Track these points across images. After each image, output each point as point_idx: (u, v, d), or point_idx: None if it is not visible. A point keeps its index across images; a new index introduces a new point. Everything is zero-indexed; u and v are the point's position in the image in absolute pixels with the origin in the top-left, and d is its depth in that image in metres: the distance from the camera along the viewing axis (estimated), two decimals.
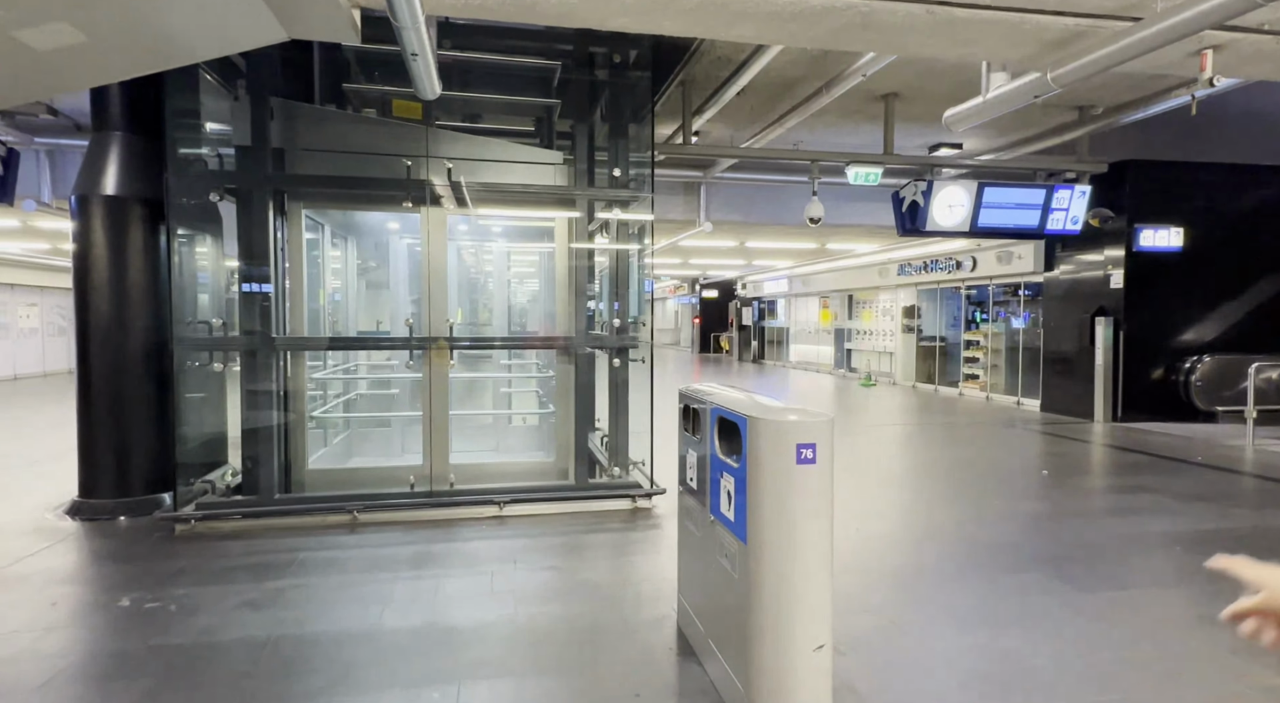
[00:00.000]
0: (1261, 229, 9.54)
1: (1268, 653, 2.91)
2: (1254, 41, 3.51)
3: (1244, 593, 0.76)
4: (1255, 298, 9.61)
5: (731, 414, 2.51)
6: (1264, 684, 2.68)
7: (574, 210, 5.35)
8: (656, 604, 3.45)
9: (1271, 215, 9.57)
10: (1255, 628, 0.69)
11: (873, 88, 6.71)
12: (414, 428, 5.87)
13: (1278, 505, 5.36)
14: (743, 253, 16.34)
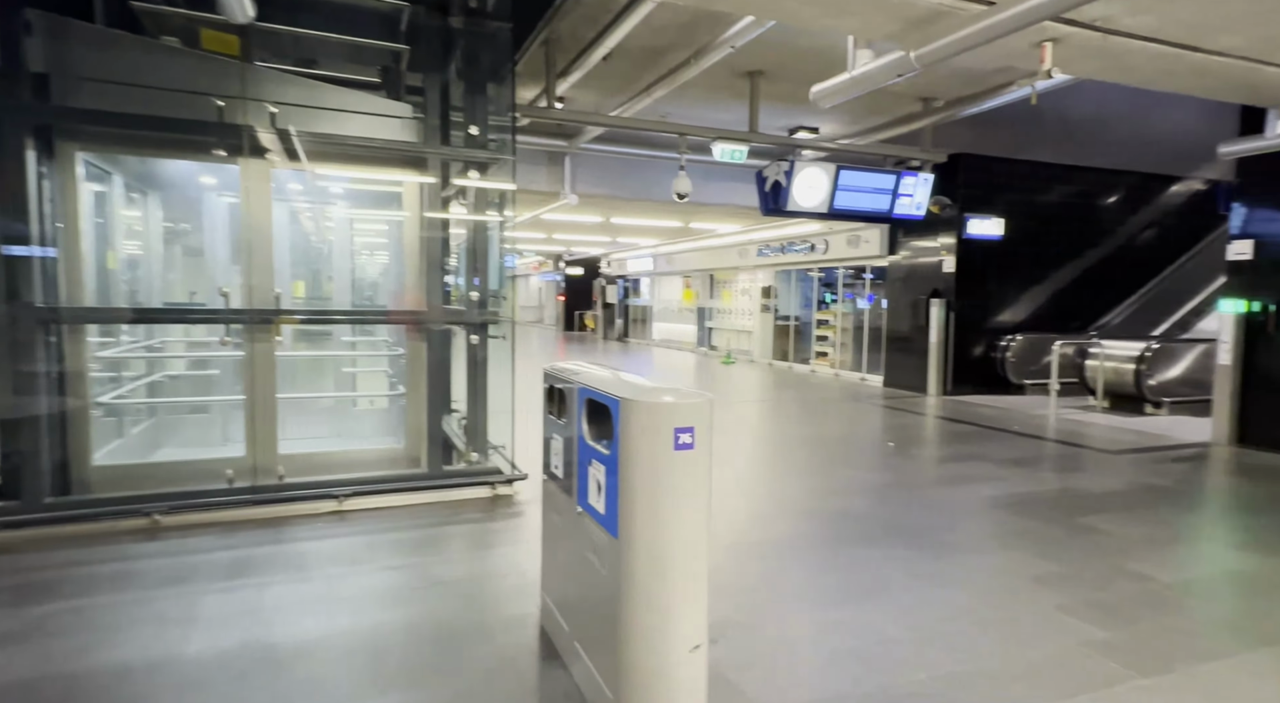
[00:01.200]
0: (1065, 222, 10.74)
1: (1089, 609, 3.15)
2: (1086, 37, 3.74)
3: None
4: (1058, 283, 10.82)
5: (601, 395, 2.26)
6: (1088, 638, 2.88)
7: (426, 174, 4.83)
8: (517, 601, 3.16)
9: (1073, 210, 10.78)
10: None
11: (739, 64, 6.67)
12: (239, 414, 5.12)
13: (1077, 469, 6.01)
14: (608, 229, 16.16)
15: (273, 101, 4.23)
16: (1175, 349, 9.03)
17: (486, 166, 5.05)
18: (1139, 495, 5.10)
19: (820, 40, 5.97)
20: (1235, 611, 3.20)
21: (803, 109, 8.12)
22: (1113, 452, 6.64)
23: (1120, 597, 3.30)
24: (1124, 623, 3.02)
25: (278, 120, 4.21)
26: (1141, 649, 2.80)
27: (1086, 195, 10.84)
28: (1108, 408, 9.00)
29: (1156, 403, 8.71)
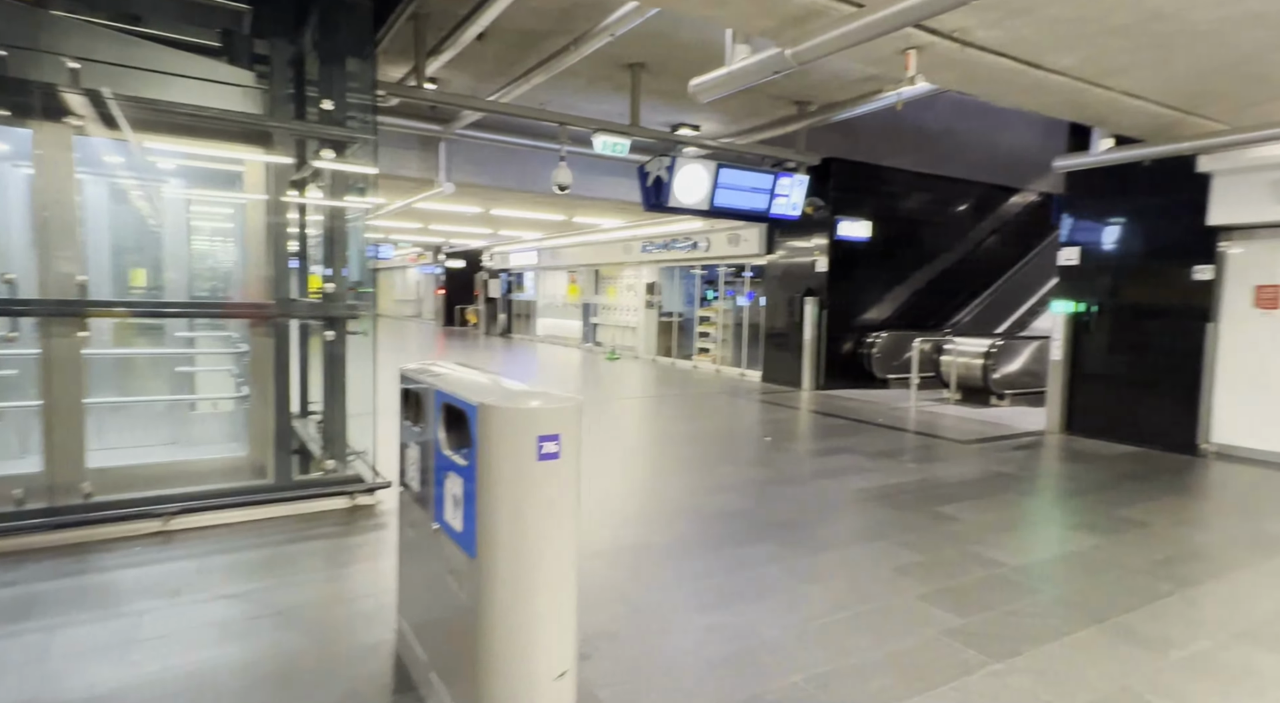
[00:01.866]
0: (924, 227, 11.50)
1: (947, 597, 3.28)
2: (946, 47, 3.90)
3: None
4: (917, 284, 11.58)
5: (458, 400, 2.03)
6: (947, 627, 2.98)
7: (273, 152, 4.32)
8: (373, 627, 2.86)
9: (930, 216, 11.57)
10: None
11: (621, 55, 6.54)
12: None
13: (935, 459, 6.39)
14: (489, 221, 15.61)
15: (75, 56, 3.60)
16: (1016, 346, 9.91)
17: (344, 147, 4.61)
18: (988, 483, 5.47)
19: (701, 35, 5.96)
20: (1070, 591, 3.45)
21: (684, 106, 8.13)
22: (964, 442, 7.14)
23: (974, 583, 3.47)
24: (978, 609, 3.17)
25: (82, 79, 3.59)
26: (993, 635, 2.93)
27: (942, 203, 11.67)
28: (960, 400, 9.73)
29: (1000, 395, 9.51)
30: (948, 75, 4.49)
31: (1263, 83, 4.65)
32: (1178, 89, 4.86)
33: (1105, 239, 7.55)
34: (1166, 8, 3.50)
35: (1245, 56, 4.16)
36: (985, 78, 4.54)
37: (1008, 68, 4.32)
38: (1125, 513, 4.70)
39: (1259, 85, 4.71)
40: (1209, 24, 3.70)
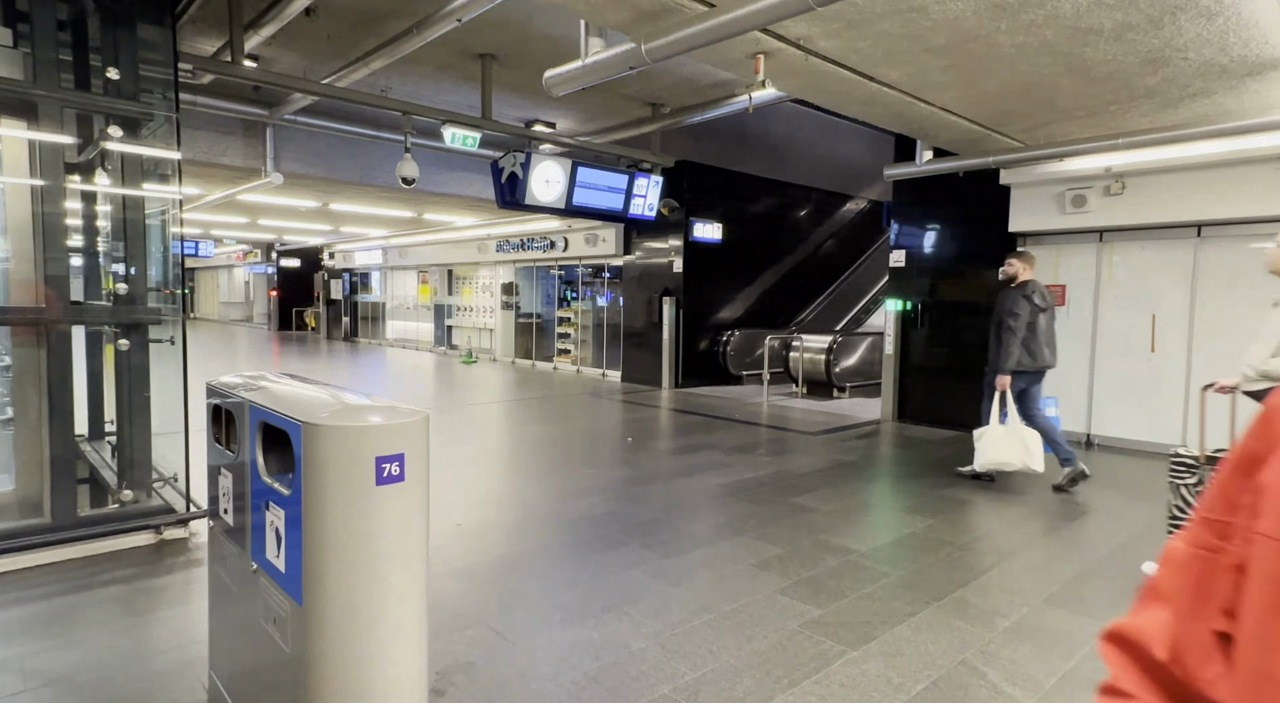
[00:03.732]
0: (770, 229, 12.10)
1: (804, 589, 3.37)
2: (792, 54, 4.03)
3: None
4: (766, 284, 12.17)
5: (279, 418, 1.74)
6: (806, 619, 3.06)
7: (40, 129, 3.60)
8: (178, 686, 2.43)
9: (775, 219, 12.20)
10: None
11: (470, 44, 6.23)
12: None
13: (787, 451, 6.69)
14: (328, 217, 14.43)
15: None
16: (853, 341, 10.68)
17: (138, 125, 3.96)
18: (834, 472, 5.79)
19: (554, 28, 5.79)
20: (911, 572, 3.68)
21: (539, 102, 7.92)
22: (812, 433, 7.55)
23: (828, 572, 3.60)
24: (833, 598, 3.28)
25: None
26: (849, 623, 3.04)
27: (785, 207, 12.34)
28: (806, 393, 10.31)
29: (841, 387, 10.20)
30: (794, 82, 4.66)
31: (1050, 106, 5.28)
32: (985, 107, 5.40)
33: (927, 243, 8.31)
34: (976, 32, 3.84)
35: (1037, 82, 4.69)
36: (828, 86, 4.78)
37: (846, 78, 4.56)
38: (950, 493, 5.15)
39: (1047, 108, 5.34)
40: (1010, 49, 4.12)
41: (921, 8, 3.50)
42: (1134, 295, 6.87)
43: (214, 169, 8.86)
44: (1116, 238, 6.94)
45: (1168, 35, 3.67)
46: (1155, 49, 3.89)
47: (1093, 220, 6.81)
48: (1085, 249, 7.15)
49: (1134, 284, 6.88)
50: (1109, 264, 7.04)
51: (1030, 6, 3.41)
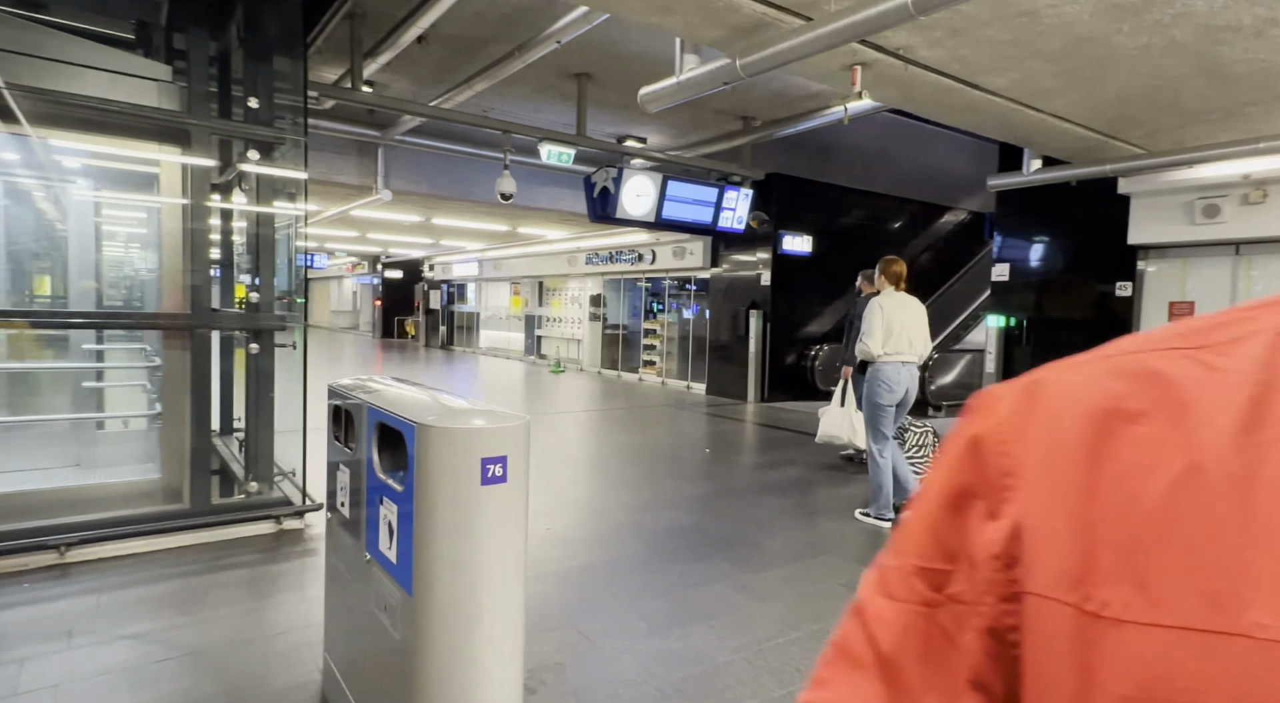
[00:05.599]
0: (861, 242, 11.78)
1: None
2: (890, 64, 3.95)
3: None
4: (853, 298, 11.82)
5: (394, 419, 1.87)
6: None
7: (191, 152, 4.03)
8: (295, 666, 2.63)
9: (867, 232, 11.87)
10: None
11: (566, 64, 6.45)
12: None
13: None
14: (429, 230, 15.23)
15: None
16: (951, 358, 10.22)
17: (271, 148, 4.34)
18: None
19: (648, 46, 5.92)
20: None
21: (631, 118, 8.09)
22: None
23: None
24: None
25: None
26: None
27: (877, 219, 11.99)
28: None
29: (937, 406, 9.77)
30: (891, 92, 4.56)
31: (1175, 110, 4.91)
32: (1101, 113, 5.08)
33: (1034, 256, 7.87)
34: (1093, 34, 3.64)
35: (1162, 84, 4.38)
36: (926, 96, 4.64)
37: (947, 87, 4.42)
38: None
39: (1172, 112, 4.97)
40: (1132, 51, 3.87)
41: (1032, 12, 3.36)
42: None
43: (330, 187, 9.56)
44: (1256, 250, 6.35)
45: None
46: None
47: (1227, 232, 6.26)
48: (1218, 263, 6.57)
49: None
50: (1247, 279, 6.44)
51: (1157, 5, 3.20)
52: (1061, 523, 0.35)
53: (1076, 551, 0.34)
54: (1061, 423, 0.37)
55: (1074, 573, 0.34)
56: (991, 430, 0.40)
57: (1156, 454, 0.34)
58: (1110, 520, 0.34)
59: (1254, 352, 0.35)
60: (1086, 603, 0.33)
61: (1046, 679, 0.35)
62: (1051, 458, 0.37)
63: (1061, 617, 0.34)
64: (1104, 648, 0.33)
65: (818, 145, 10.59)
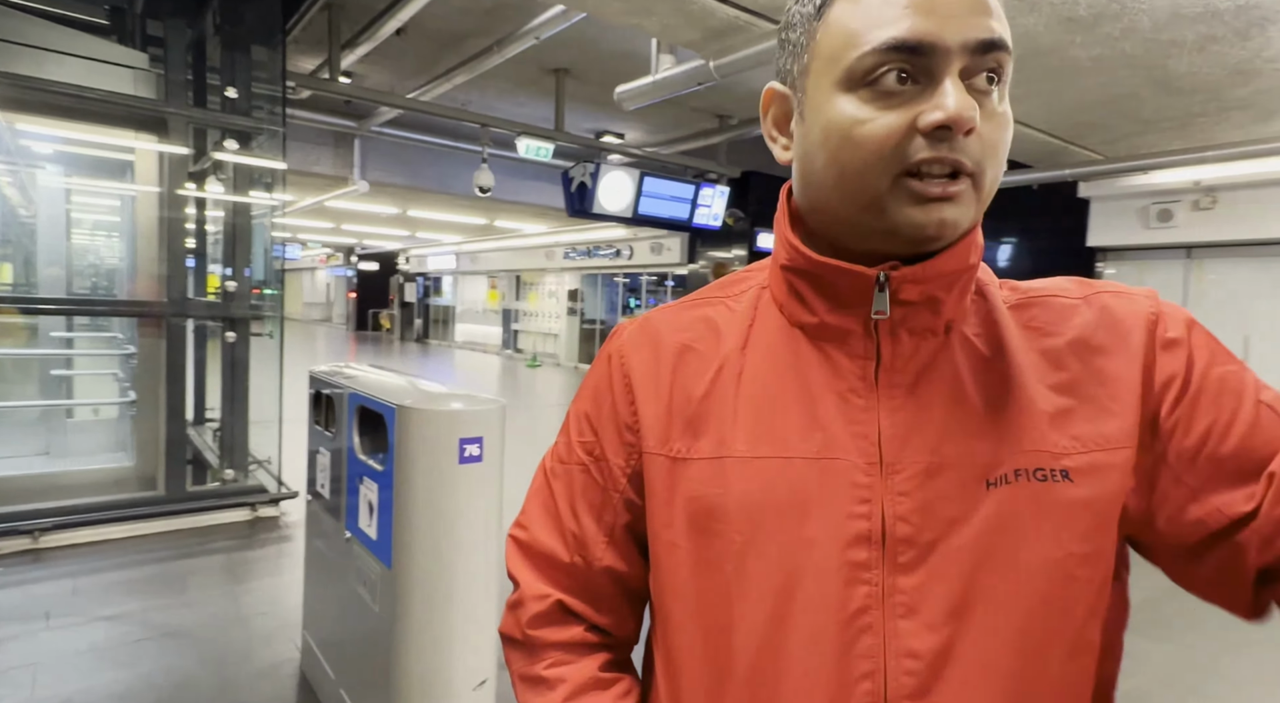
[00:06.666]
0: None
1: None
2: None
3: None
4: None
5: (375, 402, 1.95)
6: None
7: (168, 141, 4.03)
8: (274, 646, 2.69)
9: None
10: None
11: (546, 60, 6.51)
12: None
13: None
14: (406, 223, 15.15)
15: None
16: None
17: (249, 138, 4.36)
18: None
19: (625, 44, 6.00)
20: None
21: (608, 114, 8.16)
22: None
23: None
24: None
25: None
26: None
27: None
28: None
29: None
30: None
31: (1131, 118, 5.13)
32: (1061, 120, 5.29)
33: (1000, 257, 8.11)
34: (1051, 46, 3.81)
35: (1118, 94, 4.58)
36: None
37: None
38: None
39: (1128, 120, 5.19)
40: (1087, 62, 4.05)
41: None
42: (1225, 315, 6.53)
43: (306, 177, 9.49)
44: (1206, 254, 6.63)
45: (1256, 47, 3.55)
46: (1244, 60, 3.76)
47: (1180, 236, 6.53)
48: (1171, 266, 6.85)
49: (1225, 303, 6.55)
50: (1198, 281, 6.72)
51: (1106, 20, 3.37)
52: (656, 408, 0.59)
53: (664, 424, 0.59)
54: (658, 350, 0.61)
55: (662, 437, 0.59)
56: (617, 349, 0.64)
57: (702, 367, 0.60)
58: (679, 405, 0.59)
59: (749, 298, 0.62)
60: (670, 452, 0.58)
61: (655, 493, 0.59)
62: (652, 370, 0.61)
63: (660, 462, 0.59)
64: (679, 474, 0.57)
65: None
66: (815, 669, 0.51)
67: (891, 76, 0.49)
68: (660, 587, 0.59)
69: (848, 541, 0.51)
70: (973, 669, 0.50)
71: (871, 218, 0.52)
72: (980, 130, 0.49)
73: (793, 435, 0.54)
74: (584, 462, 0.64)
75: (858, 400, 0.54)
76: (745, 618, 0.53)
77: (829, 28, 0.52)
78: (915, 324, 0.54)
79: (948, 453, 0.52)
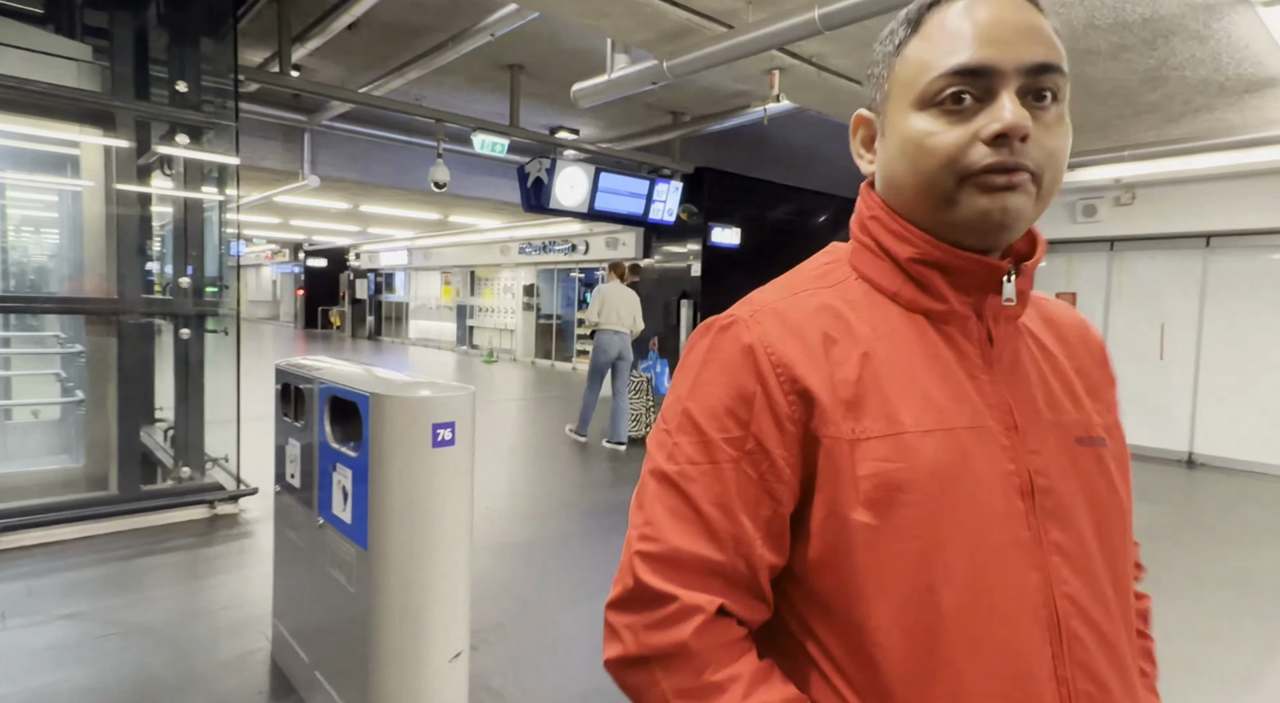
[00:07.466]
0: (788, 236, 12.31)
1: None
2: (805, 71, 4.28)
3: None
4: None
5: (348, 392, 2.02)
6: None
7: (114, 135, 3.96)
8: (242, 637, 2.73)
9: (795, 225, 12.41)
10: None
11: (501, 56, 6.54)
12: None
13: None
14: (357, 218, 14.88)
15: None
16: None
17: (200, 133, 4.30)
18: None
19: (581, 42, 6.09)
20: None
21: (564, 110, 8.22)
22: None
23: None
24: None
25: None
26: None
27: (804, 213, 12.55)
28: None
29: None
30: (809, 96, 4.91)
31: None
32: None
33: None
34: None
35: None
36: (840, 100, 5.02)
37: (858, 92, 4.80)
38: None
39: None
40: None
41: None
42: (1144, 304, 7.00)
43: (254, 172, 9.28)
44: (1127, 247, 7.09)
45: (1162, 55, 3.86)
46: (1152, 68, 4.08)
47: (1103, 230, 6.97)
48: (1096, 258, 7.30)
49: (1144, 293, 7.02)
50: (1120, 272, 7.18)
51: None
52: (822, 394, 0.61)
53: (831, 409, 0.61)
54: (805, 339, 0.63)
55: (835, 421, 0.61)
56: (760, 341, 0.63)
57: (847, 352, 0.63)
58: (840, 389, 0.62)
59: (853, 288, 0.68)
60: (843, 434, 0.60)
61: (836, 476, 0.60)
62: (808, 358, 0.62)
63: (839, 445, 0.60)
64: (856, 454, 0.60)
65: (748, 141, 10.99)
66: (1013, 610, 0.58)
67: (957, 95, 0.59)
68: (838, 563, 0.60)
69: (1010, 495, 0.60)
70: (1098, 590, 0.62)
71: (945, 212, 0.61)
72: (1038, 138, 0.58)
73: (949, 408, 0.61)
74: (734, 457, 0.62)
75: (983, 377, 0.64)
76: (950, 576, 0.58)
77: (906, 60, 0.63)
78: (1011, 312, 0.66)
79: (1051, 418, 0.65)
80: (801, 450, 0.61)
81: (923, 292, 0.65)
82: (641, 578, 0.62)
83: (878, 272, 0.67)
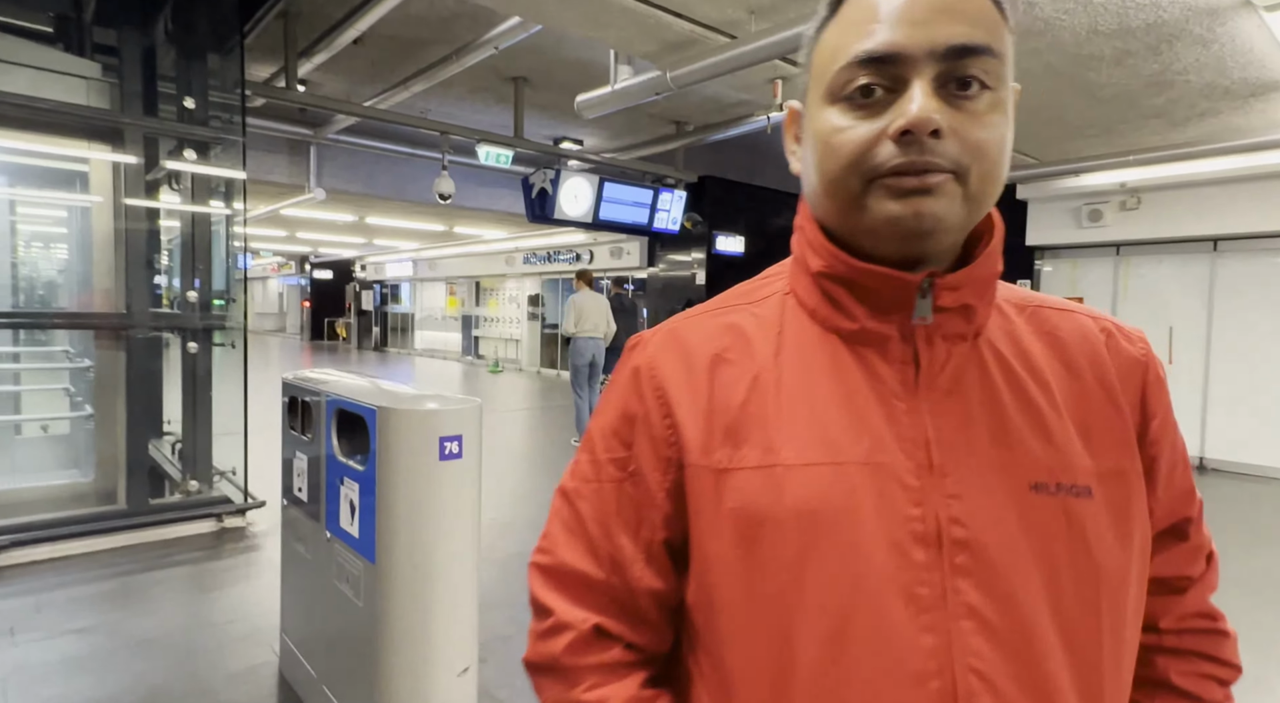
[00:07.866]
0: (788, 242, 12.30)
1: None
2: None
3: None
4: None
5: (355, 406, 2.03)
6: None
7: (124, 151, 3.99)
8: (250, 650, 2.72)
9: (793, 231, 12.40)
10: None
11: (505, 68, 6.58)
12: None
13: None
14: (363, 230, 14.97)
15: None
16: None
17: (208, 148, 4.34)
18: None
19: (584, 53, 6.12)
20: None
21: (567, 121, 8.26)
22: None
23: None
24: None
25: None
26: None
27: None
28: None
29: None
30: None
31: (1060, 125, 5.47)
32: None
33: None
34: None
35: (1046, 102, 4.89)
36: None
37: None
38: None
39: (1058, 127, 5.53)
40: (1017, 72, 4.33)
41: None
42: (1151, 308, 6.97)
43: (260, 185, 9.35)
44: (1133, 252, 7.06)
45: (1166, 60, 3.87)
46: (1156, 73, 4.08)
47: (1109, 235, 6.95)
48: (1102, 263, 7.27)
49: (1151, 297, 6.98)
50: (1125, 276, 7.15)
51: (1032, 36, 3.63)
52: (695, 419, 0.58)
53: (704, 435, 0.58)
54: (690, 360, 0.60)
55: (704, 448, 0.57)
56: (646, 362, 0.62)
57: (738, 375, 0.59)
58: (718, 415, 0.58)
59: (774, 304, 0.63)
60: (713, 463, 0.57)
61: (700, 505, 0.57)
62: (687, 381, 0.59)
63: (703, 473, 0.57)
64: (725, 484, 0.56)
65: (750, 148, 11.01)
66: (883, 672, 0.50)
67: (866, 87, 0.51)
68: (706, 600, 0.57)
69: (905, 543, 0.52)
70: (1035, 671, 0.51)
71: (854, 218, 0.54)
72: (961, 131, 0.50)
73: (841, 440, 0.54)
74: (616, 478, 0.61)
75: (900, 405, 0.55)
76: (807, 625, 0.52)
77: (821, 47, 0.56)
78: (950, 330, 0.56)
79: (993, 457, 0.54)
80: (678, 477, 0.59)
81: (836, 309, 0.58)
82: (531, 588, 0.64)
83: (801, 287, 0.62)
